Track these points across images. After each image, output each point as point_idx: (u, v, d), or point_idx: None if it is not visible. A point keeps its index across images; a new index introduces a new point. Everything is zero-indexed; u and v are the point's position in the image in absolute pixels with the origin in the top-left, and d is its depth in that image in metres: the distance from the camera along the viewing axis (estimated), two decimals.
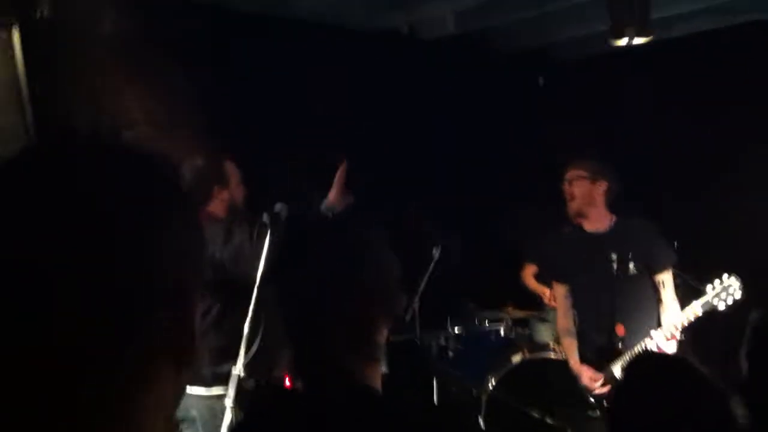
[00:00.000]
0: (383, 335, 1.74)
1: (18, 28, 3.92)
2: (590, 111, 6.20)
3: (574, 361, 3.96)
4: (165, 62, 4.85)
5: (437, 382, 4.49)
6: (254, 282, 3.19)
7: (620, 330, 3.76)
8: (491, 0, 5.39)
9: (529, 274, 5.56)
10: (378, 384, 1.74)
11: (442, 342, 4.76)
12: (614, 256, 3.81)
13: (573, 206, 3.97)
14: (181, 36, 4.90)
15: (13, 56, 3.90)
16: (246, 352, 3.19)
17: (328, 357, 1.67)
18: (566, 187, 3.98)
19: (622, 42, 4.64)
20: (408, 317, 4.91)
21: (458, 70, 6.07)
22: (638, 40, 4.63)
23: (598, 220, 3.97)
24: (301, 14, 5.43)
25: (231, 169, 3.75)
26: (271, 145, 5.11)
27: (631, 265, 3.83)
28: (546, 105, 6.45)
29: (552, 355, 4.56)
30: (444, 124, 5.94)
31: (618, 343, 3.77)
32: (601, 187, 3.94)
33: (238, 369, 3.15)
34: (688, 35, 5.83)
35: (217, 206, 3.64)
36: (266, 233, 3.35)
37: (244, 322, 3.16)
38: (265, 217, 3.50)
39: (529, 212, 5.45)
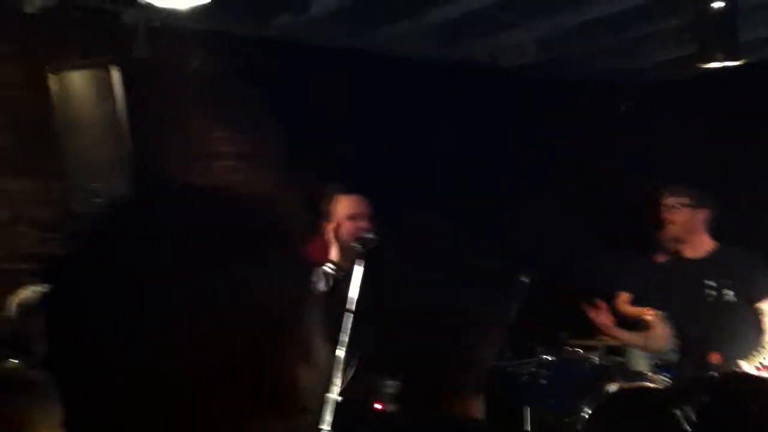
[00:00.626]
0: (487, 367, 1.76)
1: (116, 68, 4.08)
2: (674, 137, 6.09)
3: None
4: (252, 96, 4.99)
5: (529, 411, 4.42)
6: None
7: (715, 358, 3.66)
8: (571, 27, 5.37)
9: (622, 301, 5.45)
10: (480, 413, 1.75)
11: (533, 369, 4.69)
12: (712, 284, 3.70)
13: (672, 232, 3.92)
14: (266, 71, 5.04)
15: (111, 94, 4.06)
16: (342, 379, 3.22)
17: (434, 391, 1.68)
18: (665, 213, 3.90)
19: (713, 65, 4.56)
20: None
21: (538, 97, 6.05)
22: (728, 64, 4.55)
23: (697, 247, 3.91)
24: (379, 48, 5.50)
25: (341, 205, 3.74)
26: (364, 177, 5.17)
27: (730, 293, 3.73)
28: (628, 131, 6.36)
29: (649, 384, 4.44)
30: (527, 151, 5.91)
31: (713, 371, 3.66)
32: (702, 214, 3.87)
33: (335, 394, 3.17)
34: None
35: (321, 240, 3.69)
36: (358, 260, 3.38)
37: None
38: (356, 244, 3.55)
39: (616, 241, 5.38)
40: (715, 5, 4.49)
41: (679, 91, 6.13)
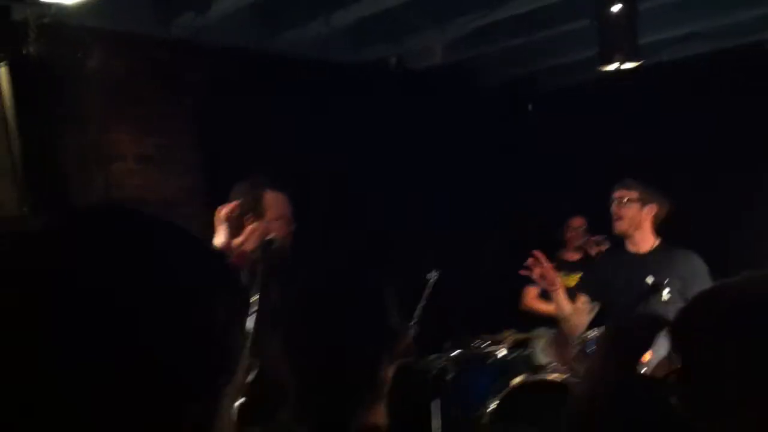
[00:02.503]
0: (388, 374, 1.73)
1: (6, 64, 3.91)
2: (580, 137, 6.22)
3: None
4: (154, 97, 4.86)
5: (436, 406, 4.41)
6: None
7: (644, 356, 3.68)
8: (479, 30, 5.42)
9: (531, 296, 5.54)
10: (383, 421, 1.72)
11: (441, 365, 4.70)
12: (650, 280, 3.76)
13: (620, 227, 3.93)
14: (168, 71, 4.92)
15: (0, 92, 3.89)
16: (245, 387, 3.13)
17: (334, 401, 1.64)
18: (615, 207, 3.93)
19: (612, 67, 4.66)
20: (408, 342, 4.84)
21: (447, 99, 6.09)
22: (627, 65, 4.65)
23: (642, 243, 3.93)
24: (287, 48, 5.45)
25: (273, 202, 3.58)
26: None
27: (665, 292, 3.75)
28: (535, 132, 6.47)
29: (551, 377, 4.50)
30: (432, 153, 5.94)
31: (642, 368, 3.69)
32: (650, 210, 3.90)
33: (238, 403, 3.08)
34: (677, 59, 5.88)
35: (247, 239, 3.51)
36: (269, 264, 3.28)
37: None
38: (258, 249, 3.45)
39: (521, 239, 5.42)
40: (615, 8, 4.59)
41: (584, 93, 6.27)
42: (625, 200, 3.91)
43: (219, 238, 3.50)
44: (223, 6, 4.71)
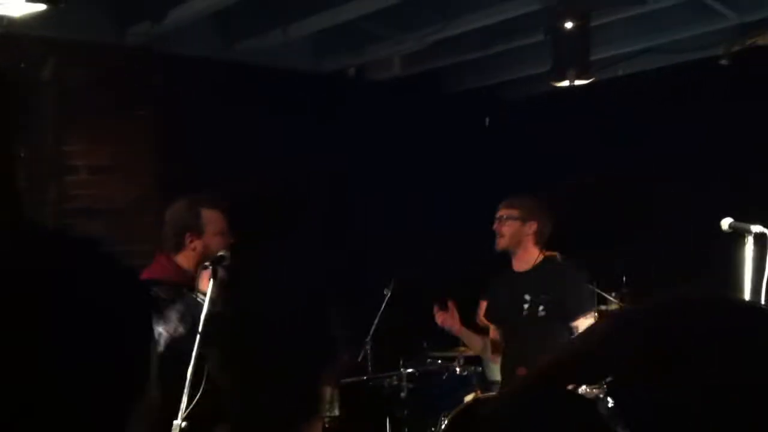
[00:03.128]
0: (327, 389, 1.75)
1: None
2: (535, 149, 6.28)
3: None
4: (110, 108, 4.84)
5: (390, 423, 4.44)
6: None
7: (521, 372, 3.64)
8: (437, 43, 5.46)
9: (482, 311, 5.59)
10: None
11: (395, 382, 4.73)
12: (527, 297, 3.77)
13: (500, 244, 3.95)
14: (123, 80, 4.89)
15: None
16: (187, 404, 3.13)
17: (270, 412, 1.66)
18: (496, 225, 3.96)
19: (563, 84, 4.72)
20: (359, 358, 4.87)
21: (405, 111, 6.13)
22: (578, 82, 4.71)
23: (524, 260, 3.94)
24: (248, 59, 5.45)
25: (210, 219, 3.61)
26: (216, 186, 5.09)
27: (540, 308, 3.75)
28: (492, 144, 6.52)
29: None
30: (392, 164, 5.97)
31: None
32: (531, 227, 3.91)
33: (179, 420, 3.08)
34: (631, 74, 5.96)
35: (188, 255, 3.53)
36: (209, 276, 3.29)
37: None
38: (207, 263, 3.46)
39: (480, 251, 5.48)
40: (568, 25, 4.65)
41: (537, 107, 6.34)
42: (505, 218, 3.94)
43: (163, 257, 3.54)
44: (181, 14, 4.70)
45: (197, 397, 3.29)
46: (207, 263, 3.41)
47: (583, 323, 3.76)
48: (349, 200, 5.77)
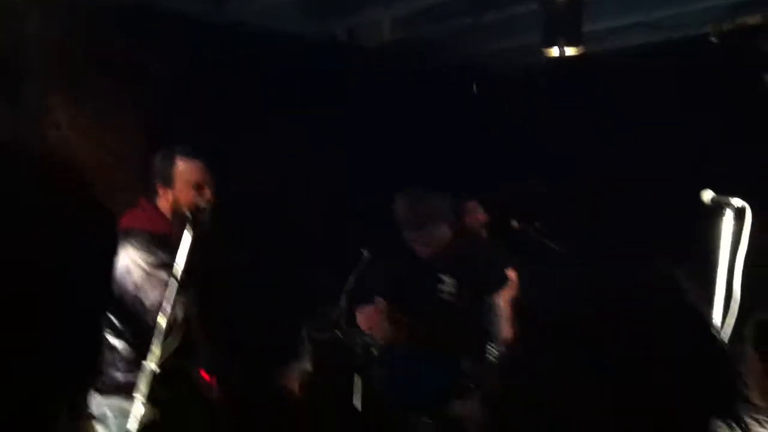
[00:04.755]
0: (304, 341, 1.73)
1: None
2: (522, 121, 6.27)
3: None
4: (93, 65, 4.76)
5: (361, 380, 4.42)
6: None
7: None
8: (428, 9, 5.42)
9: None
10: (296, 386, 1.72)
11: (368, 340, 4.71)
12: (447, 280, 3.61)
13: (427, 253, 3.73)
14: (112, 38, 4.82)
15: None
16: (162, 348, 3.11)
17: (249, 356, 1.64)
18: (416, 246, 3.73)
19: (554, 52, 4.70)
20: (335, 315, 4.84)
21: (395, 77, 6.08)
22: (569, 51, 4.69)
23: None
24: (237, 18, 5.37)
25: (182, 170, 3.55)
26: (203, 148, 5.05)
27: (452, 287, 3.61)
28: (480, 113, 6.50)
29: None
30: (377, 130, 5.93)
31: None
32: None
33: (151, 364, 3.06)
34: (620, 48, 5.95)
35: (163, 204, 3.53)
36: (186, 227, 3.26)
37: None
38: (188, 213, 3.44)
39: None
40: None
41: (525, 78, 6.32)
42: (422, 243, 3.66)
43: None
44: None
45: (172, 344, 3.29)
46: (187, 212, 3.40)
47: (503, 296, 3.63)
48: (328, 161, 5.72)
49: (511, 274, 5.03)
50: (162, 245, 3.44)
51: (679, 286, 1.26)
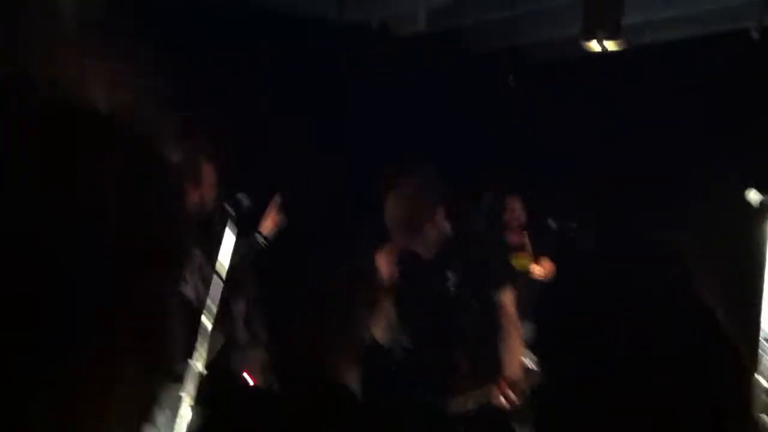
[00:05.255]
0: (366, 334, 1.70)
1: None
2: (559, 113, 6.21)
3: None
4: (132, 43, 4.75)
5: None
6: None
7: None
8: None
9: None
10: (356, 382, 1.70)
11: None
12: (450, 275, 3.42)
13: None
14: (151, 20, 4.80)
15: None
16: (209, 348, 3.10)
17: (308, 357, 1.62)
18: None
19: (593, 44, 4.64)
20: None
21: (427, 68, 6.04)
22: (609, 43, 4.63)
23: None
24: (271, 5, 5.36)
25: (207, 170, 3.59)
26: (232, 135, 5.04)
27: (457, 285, 3.42)
28: (516, 105, 6.44)
29: None
30: (415, 121, 5.90)
31: None
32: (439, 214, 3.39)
33: (198, 365, 3.04)
34: (660, 42, 5.87)
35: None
36: (227, 222, 3.26)
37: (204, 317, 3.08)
38: (228, 207, 3.43)
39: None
40: None
41: (565, 70, 6.25)
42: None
43: None
44: None
45: (222, 344, 3.28)
46: (228, 208, 3.38)
47: (509, 293, 3.49)
48: (365, 154, 5.70)
49: (547, 264, 4.93)
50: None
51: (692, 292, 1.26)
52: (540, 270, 5.32)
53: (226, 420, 1.66)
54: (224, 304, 3.14)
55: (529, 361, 3.40)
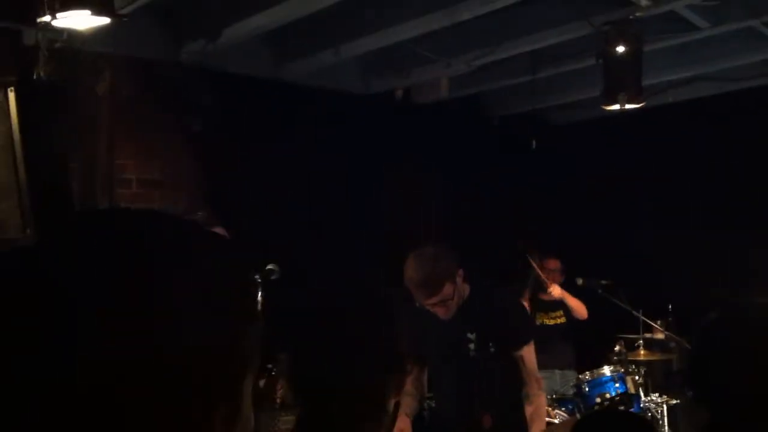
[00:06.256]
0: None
1: (14, 89, 3.96)
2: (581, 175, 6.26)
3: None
4: (162, 123, 4.92)
5: None
6: None
7: (487, 421, 3.41)
8: (484, 66, 5.48)
9: None
10: None
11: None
12: (470, 336, 3.42)
13: (447, 314, 3.49)
14: (178, 98, 4.97)
15: (8, 115, 3.94)
16: None
17: (336, 424, 1.64)
18: (433, 309, 3.44)
19: (614, 108, 4.70)
20: None
21: (453, 133, 6.15)
22: (630, 107, 4.68)
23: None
24: (298, 78, 5.51)
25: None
26: (267, 206, 5.14)
27: (490, 344, 3.42)
28: (538, 168, 6.50)
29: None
30: (439, 186, 5.98)
31: None
32: (459, 280, 3.41)
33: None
34: (682, 101, 5.93)
35: None
36: (258, 292, 3.30)
37: None
38: (257, 276, 3.49)
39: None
40: (620, 49, 4.63)
41: (582, 132, 6.32)
42: (437, 303, 3.37)
43: None
44: (235, 33, 4.77)
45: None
46: (257, 275, 3.44)
47: (529, 350, 3.50)
48: (397, 220, 5.78)
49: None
50: None
51: None
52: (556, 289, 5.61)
53: None
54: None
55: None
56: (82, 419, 0.65)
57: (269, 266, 3.71)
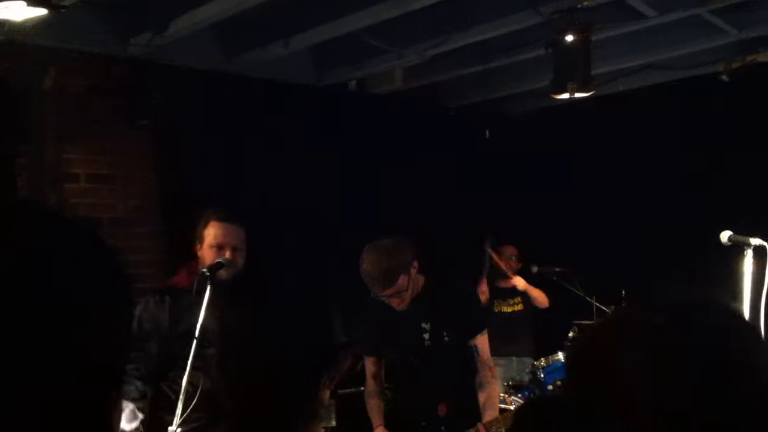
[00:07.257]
0: (326, 394, 1.71)
1: None
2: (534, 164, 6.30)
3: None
4: (110, 118, 4.85)
5: None
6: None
7: (443, 409, 3.48)
8: (438, 57, 5.48)
9: None
10: None
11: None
12: (425, 326, 3.48)
13: (403, 305, 3.52)
14: (124, 90, 4.90)
15: None
16: (183, 409, 3.10)
17: (269, 416, 1.64)
18: (388, 300, 3.50)
19: (564, 97, 4.73)
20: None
21: (406, 124, 6.14)
22: (579, 95, 4.72)
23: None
24: (250, 71, 5.46)
25: (210, 230, 3.50)
26: (217, 200, 5.08)
27: (444, 334, 3.48)
28: (491, 158, 6.53)
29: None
30: (394, 177, 5.97)
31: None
32: (413, 272, 3.47)
33: (174, 425, 3.05)
34: (632, 90, 5.98)
35: (198, 263, 3.47)
36: (206, 286, 3.27)
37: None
38: (205, 270, 3.45)
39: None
40: (570, 38, 4.66)
41: (536, 121, 6.36)
42: (392, 296, 3.43)
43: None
44: (182, 26, 4.70)
45: (194, 400, 3.28)
46: (205, 270, 3.41)
47: (483, 339, 3.55)
48: (347, 209, 5.76)
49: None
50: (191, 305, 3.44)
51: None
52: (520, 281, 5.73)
53: None
54: (199, 364, 3.15)
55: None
56: None
57: (218, 260, 3.67)
